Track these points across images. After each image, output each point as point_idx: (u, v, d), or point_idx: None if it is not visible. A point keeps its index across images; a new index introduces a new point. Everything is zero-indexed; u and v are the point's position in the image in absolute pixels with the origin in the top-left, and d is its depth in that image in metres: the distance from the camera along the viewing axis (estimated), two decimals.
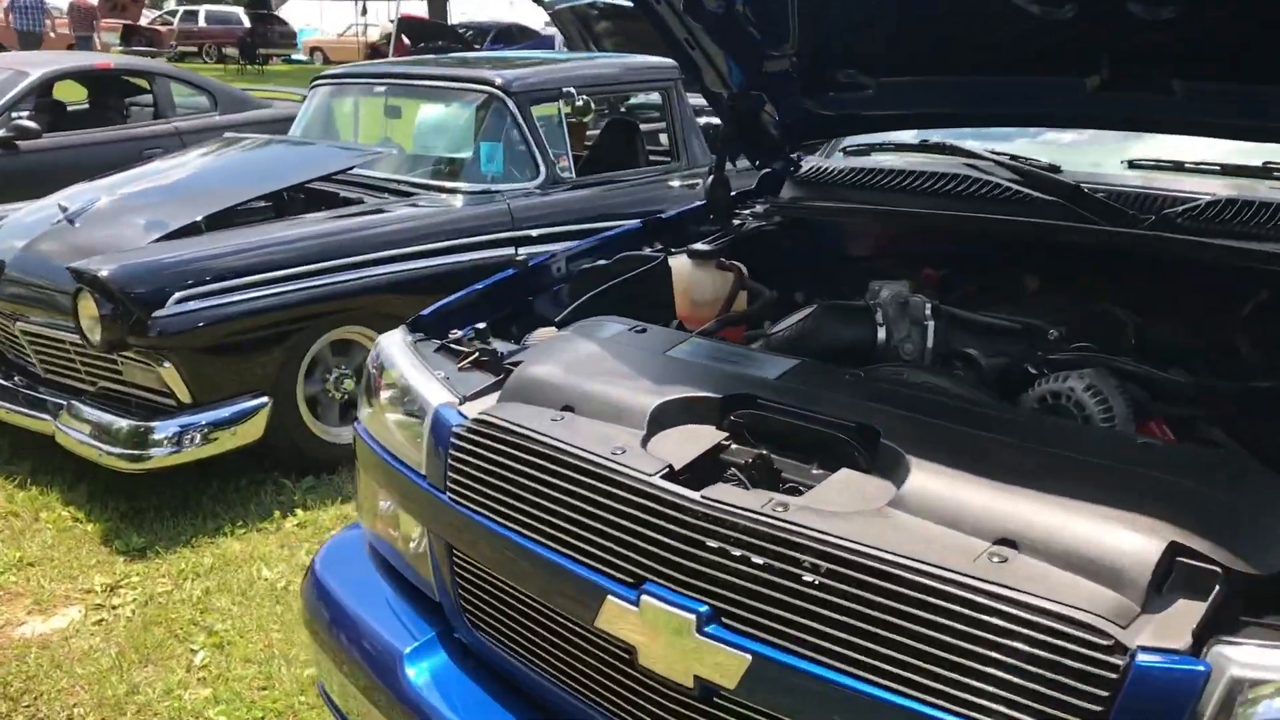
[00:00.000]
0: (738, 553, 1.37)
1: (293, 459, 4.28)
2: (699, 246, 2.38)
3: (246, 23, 32.83)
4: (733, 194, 2.70)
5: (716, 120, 6.69)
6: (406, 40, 28.80)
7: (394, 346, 2.08)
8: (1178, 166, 2.25)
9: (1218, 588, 1.19)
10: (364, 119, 5.65)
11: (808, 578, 1.31)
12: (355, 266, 4.24)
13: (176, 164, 5.12)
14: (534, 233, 4.82)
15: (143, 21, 32.26)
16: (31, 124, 7.17)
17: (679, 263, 2.34)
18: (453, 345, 2.04)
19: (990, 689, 1.16)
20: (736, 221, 2.65)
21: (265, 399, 4.04)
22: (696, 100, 6.20)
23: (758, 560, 1.35)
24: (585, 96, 5.08)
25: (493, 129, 5.02)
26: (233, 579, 3.55)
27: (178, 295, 3.81)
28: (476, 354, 1.98)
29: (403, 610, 1.94)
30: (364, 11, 32.55)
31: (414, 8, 34.86)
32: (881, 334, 2.04)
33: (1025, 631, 1.16)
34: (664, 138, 6.09)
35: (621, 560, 1.47)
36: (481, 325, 2.09)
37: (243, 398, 4.01)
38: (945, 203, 2.36)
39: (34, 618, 3.36)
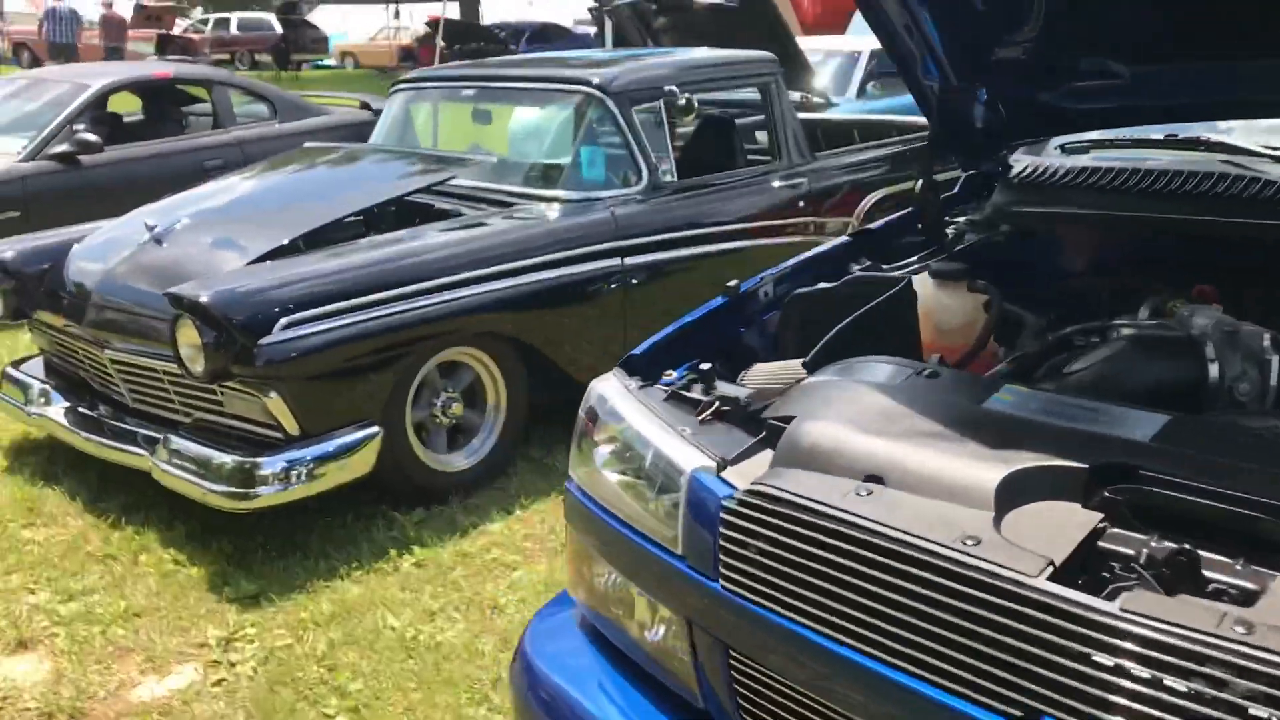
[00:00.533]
0: (1184, 687, 1.05)
1: (401, 490, 4.00)
2: (945, 265, 2.07)
3: (279, 29, 32.74)
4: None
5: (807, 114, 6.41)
6: (443, 43, 28.64)
7: (615, 395, 1.77)
8: None
9: None
10: (450, 125, 5.36)
11: None
12: (466, 284, 3.96)
13: (258, 178, 4.85)
14: (640, 241, 4.53)
15: (175, 31, 32.28)
16: (94, 137, 6.95)
17: (922, 285, 2.02)
18: (683, 393, 1.73)
19: None
20: (951, 231, 2.33)
21: (376, 428, 3.76)
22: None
23: (1214, 696, 1.04)
24: (688, 95, 4.77)
25: (592, 132, 4.72)
26: (357, 629, 3.26)
27: (284, 321, 3.54)
28: (716, 404, 1.67)
29: (645, 713, 1.63)
30: (397, 15, 32.40)
31: (440, 10, 34.72)
32: (1213, 371, 1.71)
33: None
34: (760, 135, 5.78)
35: (1002, 687, 1.16)
36: (706, 366, 1.79)
37: (352, 428, 3.73)
38: (1214, 206, 2.03)
39: (149, 677, 3.09)
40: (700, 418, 1.66)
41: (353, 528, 3.87)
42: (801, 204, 5.25)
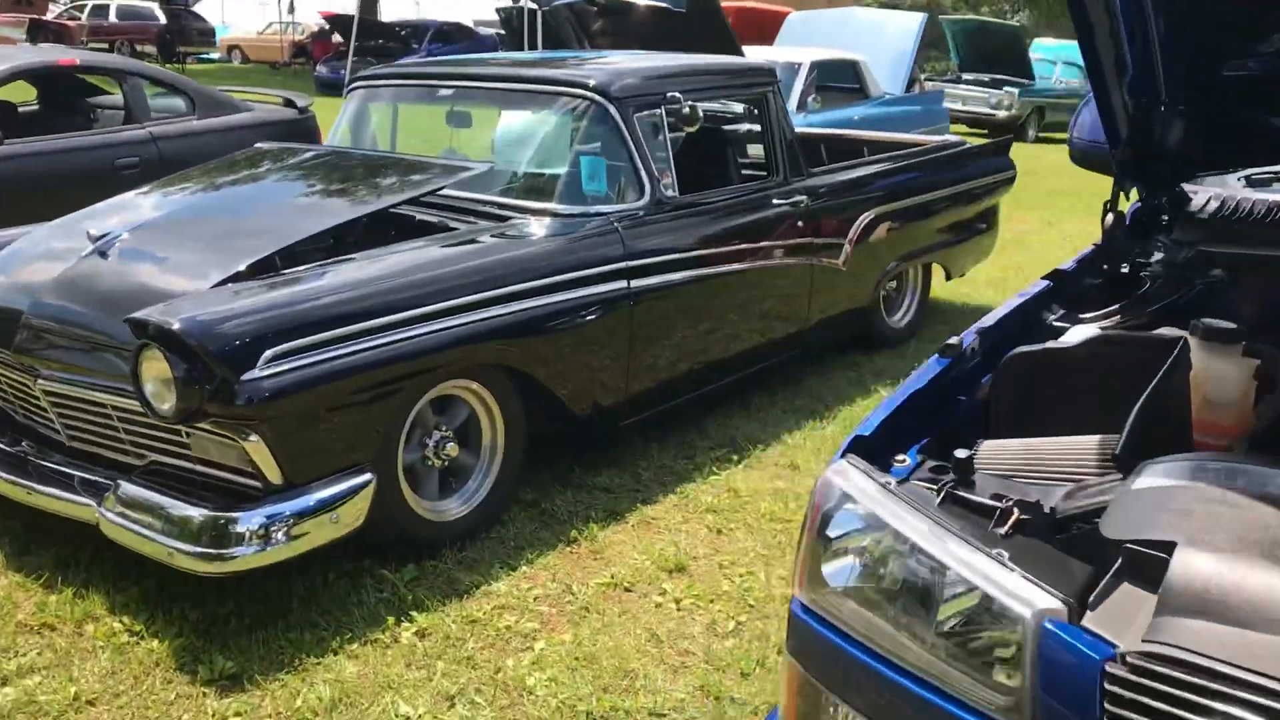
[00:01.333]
0: None
1: (389, 543, 3.51)
2: (1218, 324, 1.70)
3: (162, 18, 31.29)
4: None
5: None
6: (338, 38, 27.68)
7: (869, 496, 1.36)
8: None
9: None
10: (420, 128, 4.86)
11: None
12: (468, 308, 3.49)
13: (213, 182, 4.27)
14: (647, 262, 4.13)
15: (49, 15, 30.59)
16: None
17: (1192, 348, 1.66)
18: (962, 493, 1.33)
19: None
20: (1143, 275, 1.98)
21: (368, 475, 3.26)
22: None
23: None
24: (691, 102, 4.38)
25: (591, 139, 4.29)
26: (364, 719, 2.77)
27: (269, 353, 3.02)
28: (1015, 512, 1.28)
29: None
30: (291, 9, 31.26)
31: (335, 6, 33.67)
32: None
33: None
34: (752, 148, 5.43)
35: None
36: (963, 453, 1.39)
37: (342, 475, 3.23)
38: None
39: None
40: (1002, 531, 1.27)
41: (336, 588, 3.37)
42: (800, 223, 4.92)
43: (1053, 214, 11.04)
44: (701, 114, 4.40)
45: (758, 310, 4.76)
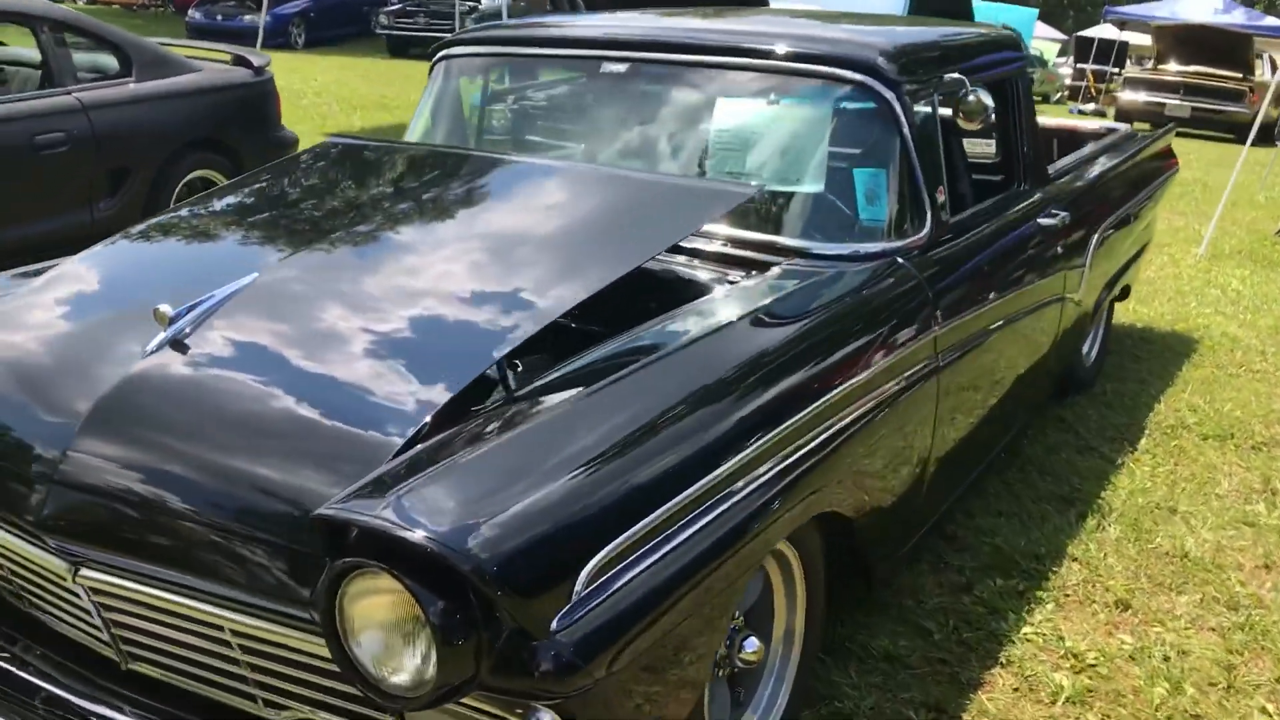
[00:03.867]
0: None
1: None
2: None
3: None
4: None
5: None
6: None
7: None
8: None
9: None
10: (560, 122, 3.40)
11: None
12: (806, 430, 2.16)
13: (344, 208, 2.74)
14: (959, 320, 2.86)
15: None
16: None
17: None
18: None
19: None
20: None
21: None
22: None
23: None
24: (977, 89, 3.09)
25: (853, 142, 2.96)
26: None
27: (588, 569, 1.64)
28: None
29: None
30: None
31: None
32: None
33: None
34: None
35: None
36: None
37: None
38: None
39: None
40: None
41: None
42: (1060, 246, 3.69)
43: None
44: (991, 105, 3.10)
45: (1026, 360, 3.56)
